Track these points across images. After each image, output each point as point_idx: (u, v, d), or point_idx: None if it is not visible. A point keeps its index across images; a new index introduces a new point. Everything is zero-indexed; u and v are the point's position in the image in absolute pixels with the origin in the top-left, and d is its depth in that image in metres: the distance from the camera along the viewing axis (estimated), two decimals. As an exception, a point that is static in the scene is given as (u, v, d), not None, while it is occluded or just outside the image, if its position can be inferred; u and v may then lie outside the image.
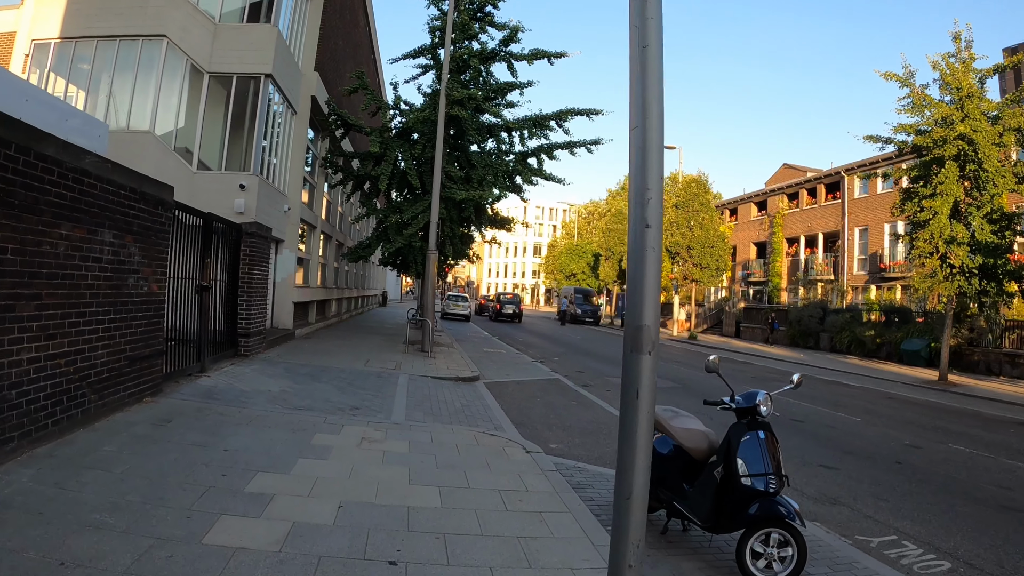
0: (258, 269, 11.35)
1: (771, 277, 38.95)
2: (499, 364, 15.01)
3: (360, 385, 9.32)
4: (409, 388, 9.46)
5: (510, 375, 13.18)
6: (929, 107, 17.82)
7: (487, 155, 16.61)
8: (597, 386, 12.64)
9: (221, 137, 13.37)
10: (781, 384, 4.86)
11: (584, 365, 16.55)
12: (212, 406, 6.98)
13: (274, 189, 14.03)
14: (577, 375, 14.25)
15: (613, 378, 14.15)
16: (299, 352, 12.51)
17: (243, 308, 10.98)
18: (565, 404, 10.22)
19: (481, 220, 17.09)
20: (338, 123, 15.95)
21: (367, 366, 11.46)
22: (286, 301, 14.97)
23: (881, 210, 32.69)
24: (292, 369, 10.17)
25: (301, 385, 8.82)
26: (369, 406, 7.86)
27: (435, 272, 14.37)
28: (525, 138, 16.57)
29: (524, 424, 8.23)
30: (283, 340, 13.85)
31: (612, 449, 7.33)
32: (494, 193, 15.46)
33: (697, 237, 31.19)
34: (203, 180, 12.88)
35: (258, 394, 7.92)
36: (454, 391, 9.96)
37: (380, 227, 16.52)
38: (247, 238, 11.00)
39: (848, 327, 28.84)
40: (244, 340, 11.02)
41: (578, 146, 16.69)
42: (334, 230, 21.39)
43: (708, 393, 12.96)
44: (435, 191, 14.32)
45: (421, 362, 12.81)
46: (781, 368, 19.92)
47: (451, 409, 8.39)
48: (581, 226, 69.37)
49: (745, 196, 43.85)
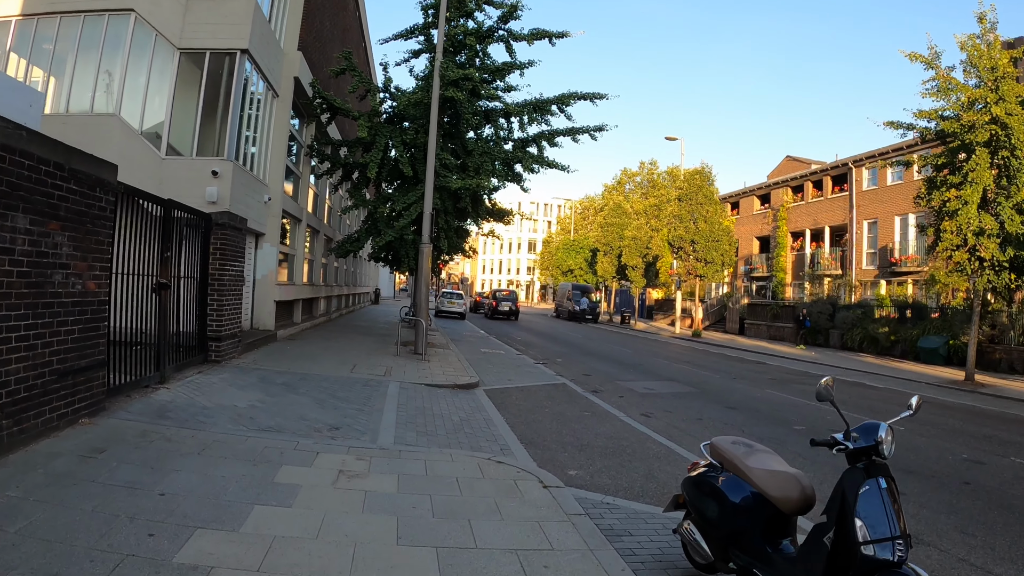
0: (231, 264, 10.13)
1: (775, 272, 37.85)
2: (499, 367, 13.84)
3: (344, 397, 8.11)
4: (400, 399, 8.26)
5: (512, 380, 12.01)
6: (956, 90, 16.69)
7: (484, 142, 15.41)
8: (608, 392, 11.49)
9: (193, 120, 12.12)
10: (806, 386, 3.67)
11: (590, 367, 15.40)
12: (161, 428, 5.78)
13: (252, 177, 12.80)
14: (584, 379, 13.10)
15: (623, 382, 13.00)
16: (279, 357, 11.30)
17: (214, 308, 9.77)
18: (577, 415, 9.05)
19: (478, 211, 15.89)
20: (323, 106, 14.71)
21: (353, 372, 10.25)
22: (267, 300, 13.76)
23: (891, 202, 31.64)
24: (267, 378, 8.96)
25: (275, 398, 7.62)
26: (352, 424, 6.67)
27: (429, 267, 13.19)
28: (525, 124, 15.37)
29: (534, 443, 7.06)
30: (263, 343, 12.64)
31: (640, 474, 6.18)
32: (492, 182, 14.27)
33: (701, 231, 30.01)
34: (173, 167, 11.64)
35: (221, 411, 6.73)
36: (451, 401, 8.78)
37: (370, 219, 15.31)
38: (218, 229, 9.78)
39: (860, 324, 27.80)
40: (215, 344, 9.82)
41: (581, 132, 15.51)
42: (321, 224, 20.14)
43: (729, 398, 11.73)
44: (428, 179, 13.12)
45: (414, 366, 11.62)
46: (797, 368, 18.83)
47: (449, 425, 7.22)
48: (577, 221, 68.27)
49: (747, 189, 42.75)
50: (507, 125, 15.78)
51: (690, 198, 30.90)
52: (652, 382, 13.32)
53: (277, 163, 14.08)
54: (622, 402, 10.46)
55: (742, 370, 17.19)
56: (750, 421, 9.62)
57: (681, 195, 31.33)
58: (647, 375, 14.53)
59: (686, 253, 30.80)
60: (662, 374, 14.91)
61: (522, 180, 15.52)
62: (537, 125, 15.60)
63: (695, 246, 30.19)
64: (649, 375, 14.57)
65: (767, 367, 18.66)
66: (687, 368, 16.67)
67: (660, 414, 9.67)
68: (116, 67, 11.82)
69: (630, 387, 12.30)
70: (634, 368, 15.76)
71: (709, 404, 10.91)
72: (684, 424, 9.03)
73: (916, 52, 17.13)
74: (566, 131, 15.56)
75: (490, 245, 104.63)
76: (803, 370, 18.39)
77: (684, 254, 30.90)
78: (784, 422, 9.73)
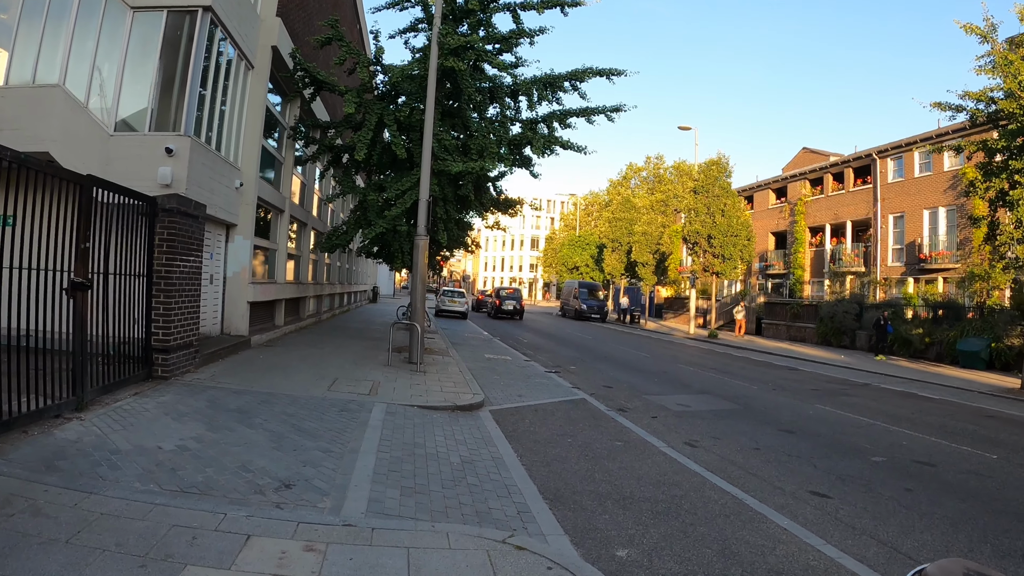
0: (183, 259, 8.34)
1: (793, 269, 35.98)
2: (506, 378, 12.04)
3: (311, 429, 6.30)
4: (384, 431, 6.44)
5: (523, 396, 10.20)
6: (1014, 66, 14.83)
7: (489, 122, 13.60)
8: (637, 411, 9.69)
9: (149, 91, 10.31)
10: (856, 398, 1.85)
11: (609, 377, 13.59)
12: (36, 490, 4.01)
13: (218, 158, 11.00)
14: (605, 392, 11.30)
15: (651, 396, 11.19)
16: (245, 369, 9.49)
17: (160, 313, 7.98)
18: (608, 447, 7.25)
19: (482, 200, 14.07)
20: (305, 79, 12.89)
21: (332, 390, 8.43)
22: (239, 301, 11.96)
23: (919, 195, 29.77)
24: (219, 401, 7.16)
25: (218, 433, 5.81)
26: (312, 477, 4.86)
27: (426, 262, 11.38)
28: (534, 102, 13.55)
29: (562, 498, 5.25)
30: (232, 351, 10.84)
31: (714, 551, 4.37)
32: (497, 165, 12.43)
33: (719, 225, 28.11)
34: (122, 144, 9.86)
35: (137, 456, 4.94)
36: (451, 431, 6.98)
37: (360, 209, 13.50)
38: (164, 216, 7.99)
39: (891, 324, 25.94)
40: (162, 357, 8.03)
41: (596, 113, 13.69)
42: (309, 216, 18.30)
43: (778, 417, 9.82)
44: (425, 161, 11.32)
45: (406, 380, 9.81)
46: (835, 374, 16.99)
47: (446, 473, 5.40)
48: (581, 218, 66.54)
49: (762, 183, 40.83)
50: (514, 105, 13.98)
51: (706, 190, 29.03)
52: (684, 396, 11.52)
53: (252, 144, 12.27)
54: (657, 425, 8.66)
55: (776, 378, 15.37)
56: (818, 451, 7.82)
57: (697, 187, 29.46)
58: (675, 386, 12.72)
59: (702, 249, 28.90)
60: (692, 385, 13.10)
61: (531, 164, 13.72)
62: (548, 104, 13.79)
63: (712, 241, 28.29)
64: (677, 386, 12.76)
65: (802, 374, 16.84)
66: (716, 376, 14.85)
67: (707, 442, 7.87)
68: (61, 31, 10.06)
69: (661, 403, 10.49)
70: (658, 378, 13.95)
71: (759, 426, 9.10)
72: (741, 457, 7.23)
73: (971, 24, 15.33)
74: (580, 111, 13.74)
75: (493, 242, 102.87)
76: (843, 377, 16.58)
77: (700, 250, 29.00)
78: (857, 451, 7.93)
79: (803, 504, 5.68)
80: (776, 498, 5.80)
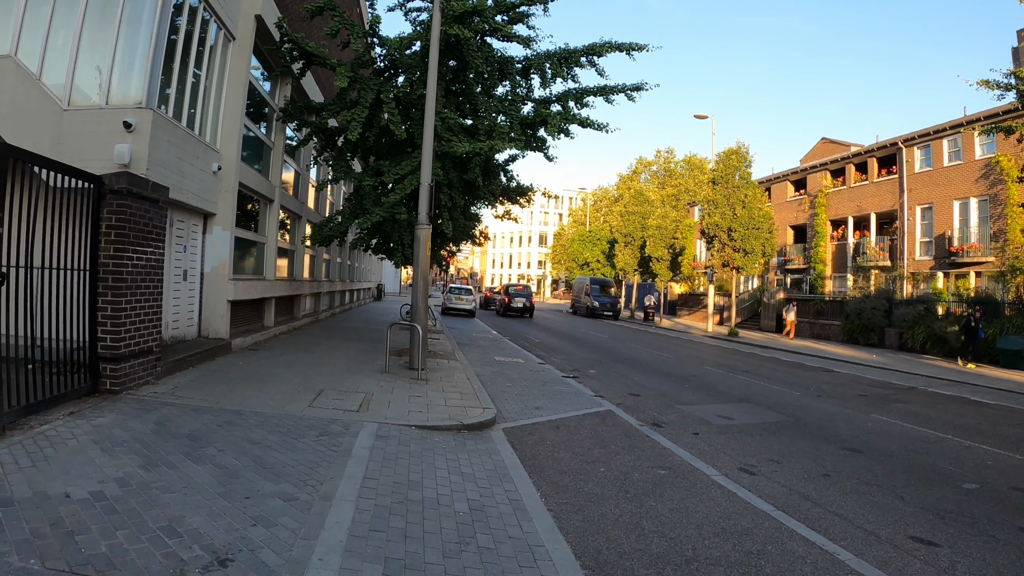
0: (137, 250, 7.02)
1: (813, 264, 34.39)
2: (519, 385, 10.69)
3: (275, 463, 4.95)
4: (370, 467, 5.07)
5: (541, 408, 8.83)
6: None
7: (498, 101, 12.24)
8: (674, 425, 8.33)
9: (108, 62, 8.98)
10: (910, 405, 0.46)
11: (632, 381, 12.23)
12: None
13: (191, 137, 9.66)
14: (633, 401, 9.94)
15: (685, 406, 9.81)
16: (217, 380, 8.16)
17: (108, 315, 6.67)
18: (650, 479, 5.89)
19: (491, 186, 12.69)
20: (293, 52, 11.55)
21: (314, 406, 7.09)
22: (218, 300, 10.64)
23: (949, 185, 28.17)
24: (169, 423, 5.82)
25: (153, 472, 4.48)
26: (260, 547, 3.50)
27: (428, 255, 10.02)
28: (548, 79, 12.18)
29: (605, 566, 3.89)
30: (207, 357, 9.52)
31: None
32: (508, 146, 11.06)
33: (740, 217, 26.59)
34: (77, 120, 8.54)
35: (34, 509, 3.62)
36: (455, 462, 5.63)
37: (355, 196, 12.15)
38: (113, 199, 6.68)
39: (922, 321, 24.44)
40: (110, 367, 6.71)
41: (615, 92, 12.30)
42: (304, 208, 16.97)
43: (837, 431, 8.35)
44: (427, 139, 9.98)
45: (405, 391, 8.47)
46: (875, 376, 15.53)
47: (449, 535, 4.02)
48: (590, 213, 65.12)
49: (780, 174, 39.22)
50: (525, 83, 12.62)
51: (725, 181, 27.54)
52: (722, 405, 10.13)
53: (232, 124, 10.94)
54: (702, 445, 7.29)
55: (814, 382, 13.96)
56: (897, 476, 6.45)
57: (715, 177, 27.95)
58: (709, 393, 11.34)
59: (721, 242, 27.39)
60: (727, 391, 11.71)
61: (545, 147, 12.33)
62: (563, 82, 12.44)
63: (732, 234, 26.77)
64: (711, 393, 11.37)
65: (839, 376, 15.41)
66: (749, 380, 13.44)
67: (766, 467, 6.51)
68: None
69: (699, 415, 9.12)
70: (688, 383, 12.55)
71: (819, 444, 7.71)
72: (812, 488, 5.86)
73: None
74: (597, 90, 12.36)
75: (501, 239, 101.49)
76: (883, 380, 15.13)
77: (719, 243, 27.49)
78: (943, 476, 6.54)
79: (909, 557, 4.35)
80: (874, 549, 4.47)
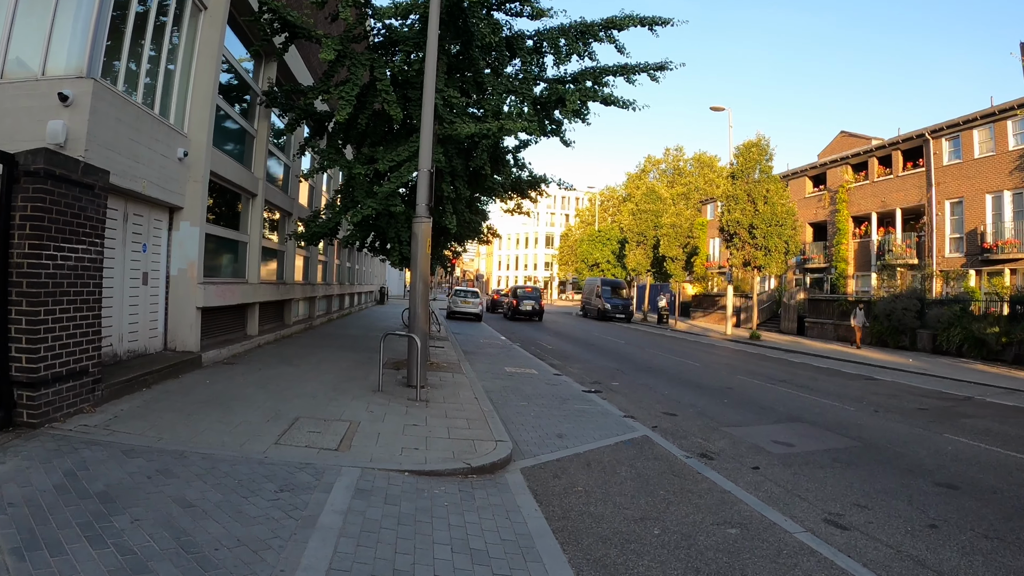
0: (63, 247, 5.60)
1: (835, 262, 32.78)
2: (536, 403, 9.23)
3: (205, 544, 3.47)
4: (341, 546, 3.56)
5: (564, 436, 7.35)
6: None
7: (506, 79, 10.81)
8: (726, 455, 6.86)
9: (49, 25, 7.59)
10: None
11: (664, 396, 10.75)
12: None
13: (148, 116, 8.23)
14: (670, 422, 8.47)
15: (732, 428, 8.32)
16: (170, 406, 6.71)
17: (23, 329, 5.25)
18: (722, 544, 4.42)
19: (500, 175, 11.23)
20: (274, 24, 10.17)
21: (281, 443, 5.61)
22: (186, 307, 9.21)
23: (981, 178, 26.57)
24: (82, 473, 4.36)
25: (22, 564, 3.05)
26: None
27: (428, 253, 8.58)
28: (563, 55, 10.75)
29: None
30: (167, 375, 8.09)
31: None
32: (520, 128, 9.62)
33: (762, 214, 25.03)
34: (9, 94, 7.15)
35: None
36: (460, 530, 4.15)
37: (348, 188, 10.71)
38: (29, 183, 5.27)
39: (958, 322, 22.85)
40: (27, 395, 5.30)
41: (637, 71, 10.85)
42: (295, 205, 15.53)
43: (918, 459, 6.33)
44: (425, 115, 8.55)
45: (399, 417, 7.01)
46: (922, 384, 13.97)
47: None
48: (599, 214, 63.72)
49: (797, 170, 37.61)
50: (537, 62, 11.20)
51: (745, 175, 26.01)
52: (772, 426, 8.65)
53: (203, 104, 9.52)
54: (767, 484, 5.82)
55: (861, 392, 12.46)
56: (1015, 521, 4.98)
57: (735, 171, 26.42)
58: (753, 411, 9.84)
59: (741, 240, 25.83)
60: (772, 407, 10.20)
61: (562, 130, 10.89)
62: (578, 60, 11.00)
63: (754, 232, 25.22)
64: (755, 410, 9.88)
65: (885, 385, 13.88)
66: (791, 392, 11.95)
67: (855, 516, 5.04)
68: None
69: (751, 441, 7.64)
70: (726, 397, 11.06)
71: (905, 479, 6.22)
72: (925, 547, 4.40)
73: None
74: (617, 69, 10.91)
75: (507, 241, 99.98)
76: (935, 389, 13.59)
77: (739, 241, 25.92)
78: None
79: None
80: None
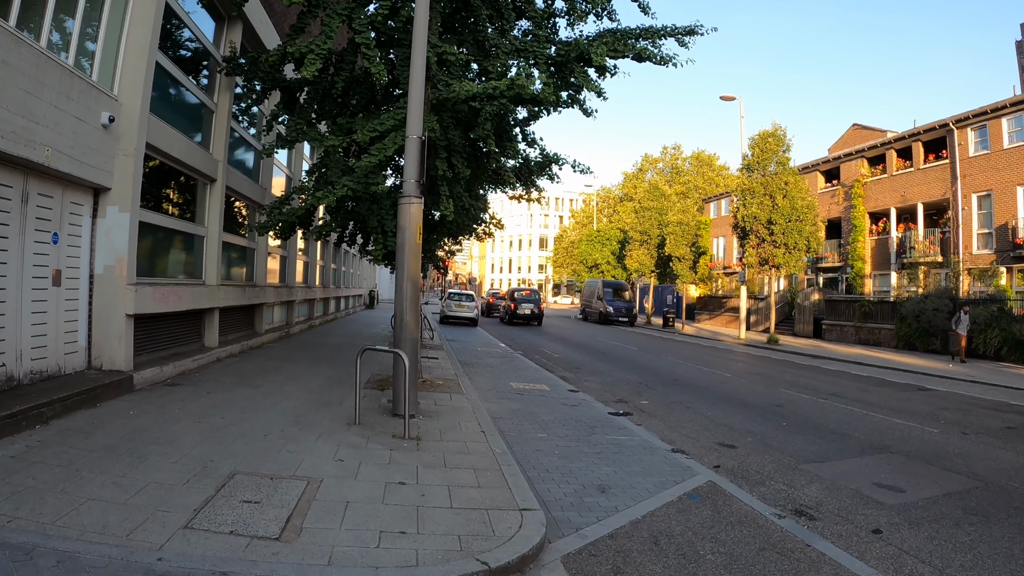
0: None
1: (851, 261, 31.01)
2: (556, 434, 7.31)
3: None
4: None
5: (607, 490, 5.37)
6: None
7: (513, 39, 8.94)
8: (829, 510, 4.97)
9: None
10: None
11: (712, 420, 8.86)
12: None
13: (54, 64, 6.28)
14: (732, 457, 6.58)
15: (816, 465, 6.42)
16: (56, 454, 4.74)
17: None
18: None
19: (507, 149, 9.34)
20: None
21: (192, 528, 3.63)
22: (113, 314, 7.26)
23: (1011, 169, 24.88)
24: None
25: None
26: None
27: (418, 242, 6.66)
28: (581, 11, 8.90)
29: None
30: (83, 403, 6.13)
31: None
32: (532, 88, 7.74)
33: (781, 208, 23.20)
34: None
35: None
36: None
37: (321, 167, 8.80)
38: None
39: (996, 323, 21.12)
40: None
41: (664, 35, 9.00)
42: (266, 194, 13.56)
43: None
44: (415, 71, 6.66)
45: (379, 470, 5.07)
46: (980, 394, 12.15)
47: None
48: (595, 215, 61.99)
49: (808, 164, 35.75)
50: (551, 22, 9.36)
51: (762, 167, 24.21)
52: (861, 460, 6.76)
53: (138, 60, 7.59)
54: (902, 556, 3.97)
55: (924, 406, 10.63)
56: None
57: (750, 163, 24.61)
58: (825, 438, 7.93)
59: (759, 237, 24.00)
60: (843, 432, 8.30)
61: (581, 96, 9.02)
62: (596, 20, 9.17)
63: (773, 228, 23.38)
64: (828, 437, 7.97)
65: (943, 396, 12.06)
66: (849, 409, 10.08)
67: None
68: None
69: (846, 483, 5.74)
70: (782, 419, 9.16)
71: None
72: None
73: None
74: (641, 32, 9.02)
75: (500, 243, 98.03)
76: (1001, 400, 11.78)
77: (756, 238, 24.09)
78: None
79: None
80: None
